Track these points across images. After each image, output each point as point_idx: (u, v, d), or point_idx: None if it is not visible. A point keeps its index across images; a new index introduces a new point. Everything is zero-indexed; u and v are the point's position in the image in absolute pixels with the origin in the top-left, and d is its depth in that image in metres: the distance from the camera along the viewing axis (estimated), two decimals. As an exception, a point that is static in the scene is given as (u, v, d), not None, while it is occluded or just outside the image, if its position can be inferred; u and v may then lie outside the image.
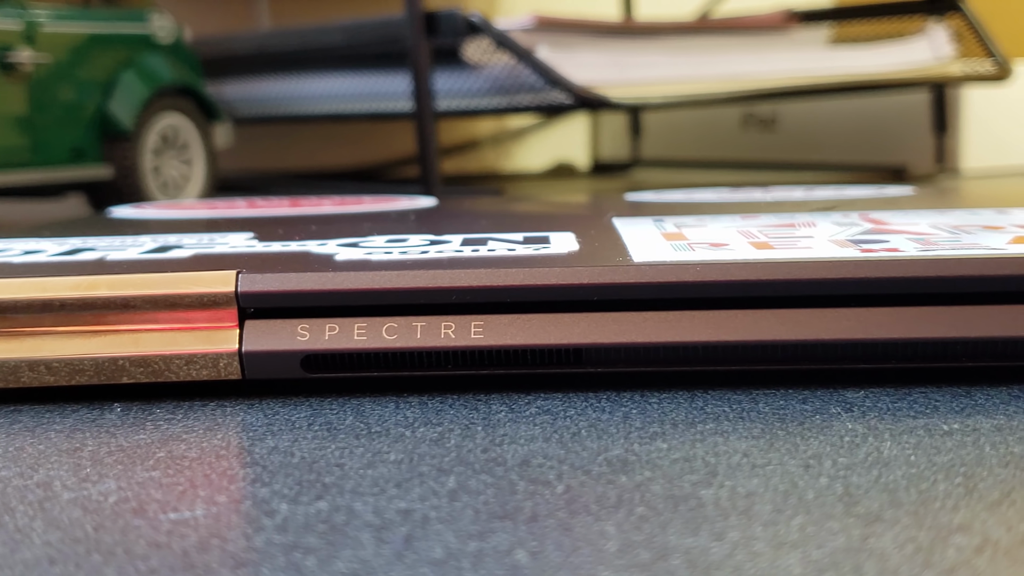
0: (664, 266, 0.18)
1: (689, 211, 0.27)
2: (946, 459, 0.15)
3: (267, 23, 0.72)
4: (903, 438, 0.16)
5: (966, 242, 0.20)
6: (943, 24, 0.60)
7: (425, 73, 0.49)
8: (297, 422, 0.17)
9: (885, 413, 0.17)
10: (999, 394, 0.18)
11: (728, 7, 0.69)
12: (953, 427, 0.16)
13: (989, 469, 0.14)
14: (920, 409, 0.17)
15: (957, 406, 0.17)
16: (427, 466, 0.15)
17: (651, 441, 0.16)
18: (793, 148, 0.68)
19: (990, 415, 0.17)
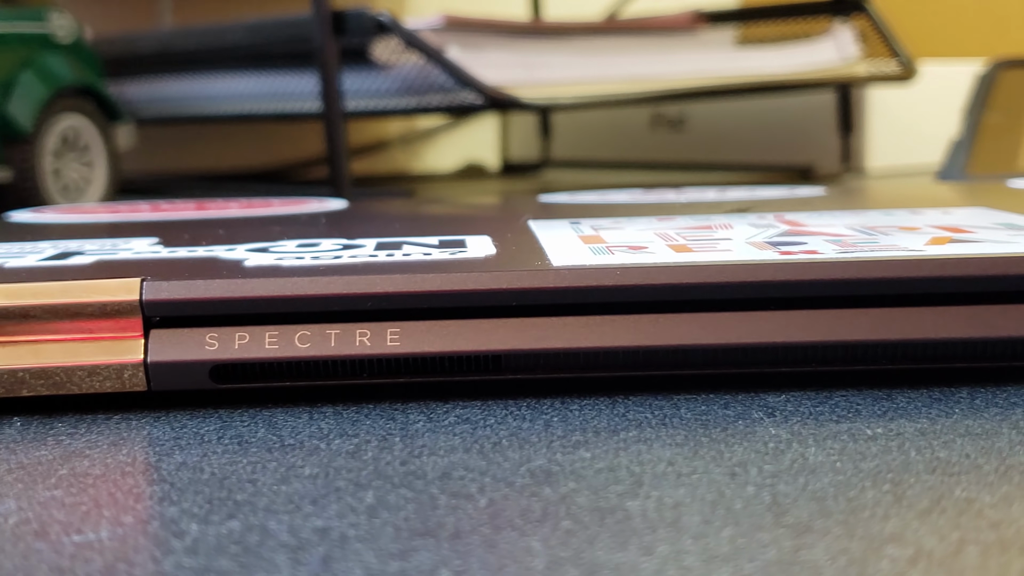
0: (584, 270, 0.18)
1: (604, 213, 0.26)
2: (872, 465, 0.15)
3: (170, 22, 0.70)
4: (827, 444, 0.16)
5: (884, 244, 0.20)
6: (848, 25, 0.61)
7: (333, 73, 0.48)
8: (206, 436, 0.17)
9: (807, 418, 0.17)
10: (919, 396, 0.18)
11: (636, 8, 0.69)
12: (877, 431, 0.16)
13: (916, 475, 0.14)
14: (842, 413, 0.17)
15: (879, 409, 0.17)
16: (344, 480, 0.15)
17: (574, 450, 0.16)
18: (701, 148, 0.68)
19: (912, 418, 0.17)
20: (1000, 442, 0.15)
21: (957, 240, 0.20)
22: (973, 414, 0.17)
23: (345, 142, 0.49)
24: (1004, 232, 0.21)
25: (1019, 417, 0.17)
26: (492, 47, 0.53)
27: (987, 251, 0.19)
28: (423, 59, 0.48)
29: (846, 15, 0.61)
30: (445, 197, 0.51)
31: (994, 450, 0.15)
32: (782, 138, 0.65)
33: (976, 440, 0.16)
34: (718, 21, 0.63)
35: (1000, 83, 0.55)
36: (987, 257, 0.18)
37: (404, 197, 0.50)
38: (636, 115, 0.71)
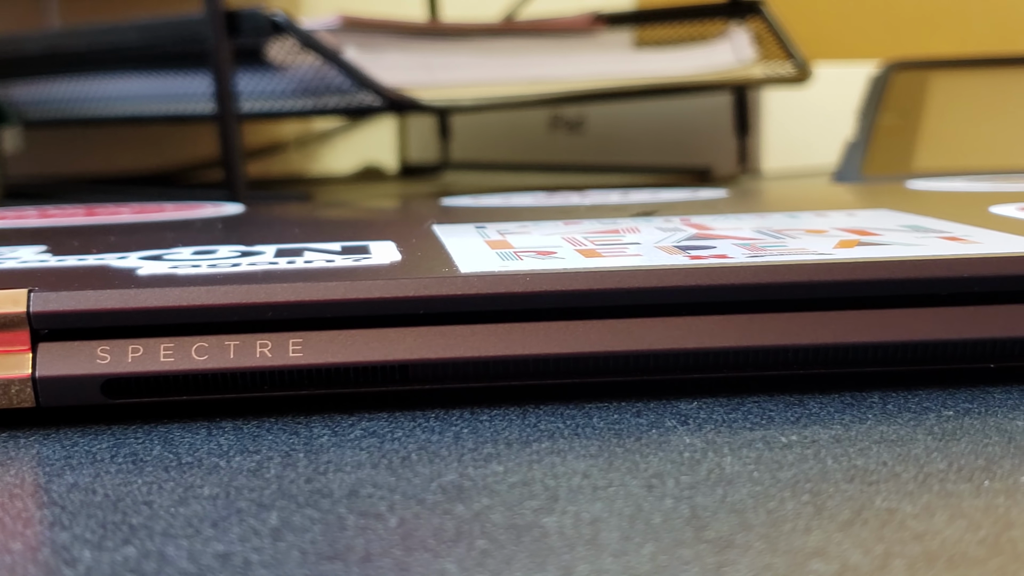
0: (493, 277, 0.17)
1: (509, 217, 0.26)
2: (790, 475, 0.14)
3: (57, 22, 0.69)
4: (743, 452, 0.15)
5: (793, 247, 0.19)
6: (744, 27, 0.61)
7: (227, 74, 0.47)
8: (99, 454, 0.16)
9: (721, 425, 0.17)
10: (832, 402, 0.18)
11: (534, 9, 0.68)
12: (792, 439, 0.16)
13: (835, 485, 0.14)
14: (756, 420, 0.17)
15: (792, 416, 0.17)
16: (246, 501, 0.14)
17: (486, 464, 0.15)
18: (600, 150, 0.68)
19: (826, 425, 0.16)
20: (916, 449, 0.15)
21: (865, 243, 0.20)
22: (887, 419, 0.17)
23: (240, 144, 0.48)
24: (911, 235, 0.21)
25: (933, 422, 0.16)
26: (390, 48, 0.52)
27: (896, 254, 0.18)
28: (319, 60, 0.48)
29: (742, 17, 0.61)
30: (345, 200, 0.50)
31: (911, 457, 0.15)
32: (680, 140, 0.66)
33: (892, 447, 0.15)
34: (616, 23, 0.63)
35: (893, 84, 0.55)
36: (897, 260, 0.18)
37: (302, 201, 0.49)
38: (535, 117, 0.70)
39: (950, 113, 0.53)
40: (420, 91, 0.49)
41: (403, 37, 0.53)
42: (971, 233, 0.21)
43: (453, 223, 0.25)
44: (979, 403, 0.17)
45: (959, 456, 0.15)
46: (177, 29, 0.50)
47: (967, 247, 0.19)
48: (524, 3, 0.70)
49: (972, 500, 0.13)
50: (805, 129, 0.66)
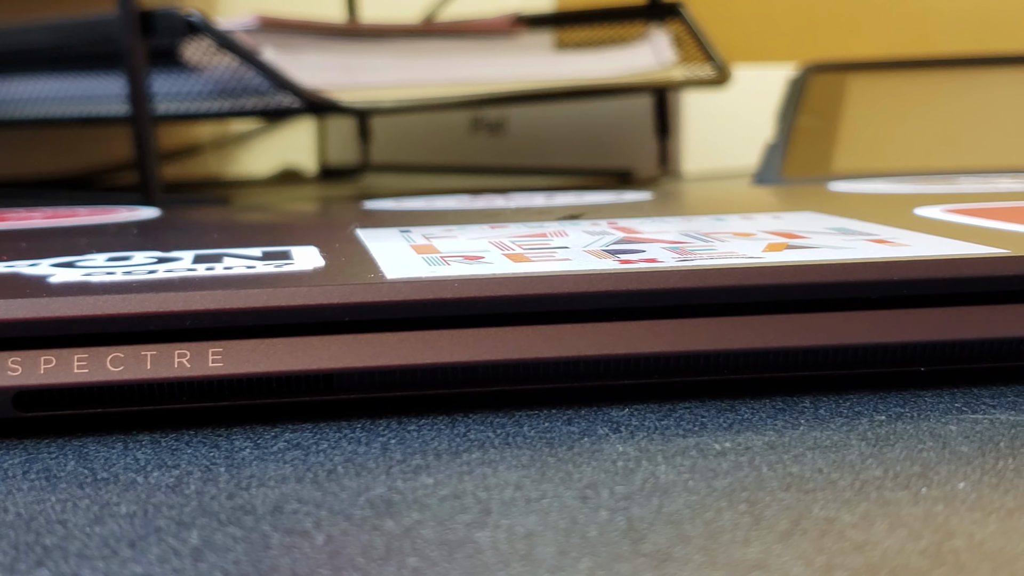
0: (420, 283, 0.17)
1: (434, 220, 0.26)
2: (725, 483, 0.14)
3: (-36, 20, 0.67)
4: (677, 460, 0.15)
5: (722, 251, 0.19)
6: (664, 29, 0.61)
7: (141, 75, 0.46)
8: (10, 470, 0.15)
9: (654, 432, 0.16)
10: (763, 407, 0.17)
11: (453, 11, 0.68)
12: (725, 446, 0.16)
13: (771, 493, 0.14)
14: (688, 427, 0.17)
15: (724, 422, 0.17)
16: (165, 519, 0.13)
17: (415, 476, 0.15)
18: (522, 152, 0.68)
19: (759, 431, 0.16)
20: (851, 455, 0.15)
21: (794, 246, 0.20)
22: (819, 425, 0.17)
23: (155, 147, 0.47)
24: (838, 237, 0.21)
25: (865, 427, 0.16)
26: (309, 49, 0.51)
27: (826, 257, 0.18)
28: (236, 61, 0.47)
29: (661, 20, 0.61)
30: (264, 203, 0.50)
31: (846, 464, 0.15)
32: (601, 142, 0.66)
33: (826, 453, 0.15)
34: (536, 25, 0.63)
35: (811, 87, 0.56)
36: (828, 264, 0.18)
37: (220, 204, 0.49)
38: (456, 119, 0.70)
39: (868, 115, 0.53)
40: (339, 92, 0.49)
41: (322, 38, 0.53)
42: (898, 236, 0.20)
43: (376, 227, 0.24)
44: (911, 407, 0.17)
45: (894, 462, 0.15)
46: (90, 29, 0.49)
47: (896, 250, 0.19)
48: (444, 4, 0.69)
49: (911, 508, 0.13)
50: (725, 131, 0.66)
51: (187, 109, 0.49)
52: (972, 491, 0.13)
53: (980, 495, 0.13)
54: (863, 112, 0.53)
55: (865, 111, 0.53)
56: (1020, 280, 0.18)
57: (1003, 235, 0.21)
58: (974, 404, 0.17)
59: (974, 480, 0.14)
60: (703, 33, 0.60)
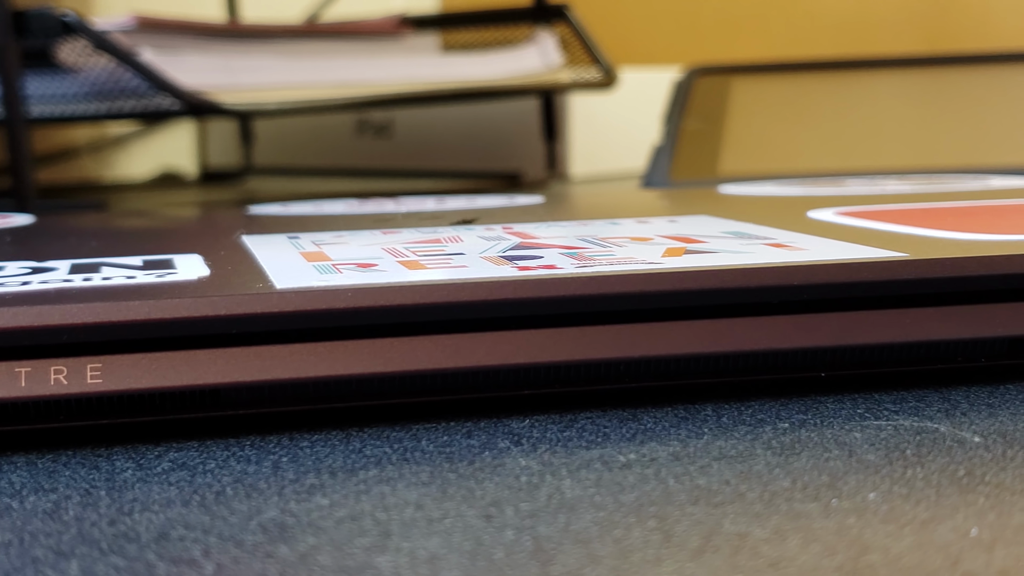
0: (311, 292, 0.16)
1: (323, 226, 0.25)
2: (632, 498, 0.14)
3: None
4: (581, 474, 0.15)
5: (621, 256, 0.19)
6: (551, 32, 0.61)
7: (15, 76, 0.44)
8: None
9: (556, 445, 0.16)
10: (666, 416, 0.17)
11: (337, 11, 0.67)
12: (630, 457, 0.15)
13: (680, 508, 0.13)
14: (591, 438, 0.16)
15: (627, 432, 0.16)
16: (42, 548, 0.12)
17: (309, 497, 0.14)
18: (409, 155, 0.67)
19: (663, 441, 0.16)
20: (757, 465, 0.15)
21: (692, 251, 0.19)
22: (723, 434, 0.16)
23: (29, 150, 0.45)
24: (735, 241, 0.20)
25: (770, 435, 0.16)
26: (188, 49, 0.50)
27: (726, 262, 0.18)
28: (113, 62, 0.45)
29: (548, 22, 0.61)
30: (144, 209, 0.48)
31: (753, 474, 0.14)
32: (488, 144, 0.65)
33: (732, 464, 0.15)
34: (422, 26, 0.63)
35: (697, 89, 0.56)
36: (730, 269, 0.17)
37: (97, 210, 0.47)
38: (341, 121, 0.69)
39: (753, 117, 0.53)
40: (221, 94, 0.47)
41: (202, 38, 0.51)
42: (795, 240, 0.20)
43: (263, 233, 0.23)
44: (813, 414, 0.17)
45: (802, 472, 0.14)
46: (-42, 28, 0.47)
47: (795, 254, 0.19)
48: (327, 5, 0.68)
49: (822, 521, 0.13)
50: (612, 134, 0.66)
51: (62, 111, 0.48)
52: (883, 502, 0.13)
53: (892, 506, 0.13)
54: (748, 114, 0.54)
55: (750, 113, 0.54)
56: (919, 284, 0.18)
57: (897, 238, 0.21)
58: (876, 410, 0.17)
59: (884, 490, 0.14)
60: (589, 36, 0.60)
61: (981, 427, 0.16)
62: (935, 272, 0.18)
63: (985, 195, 0.29)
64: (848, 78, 0.54)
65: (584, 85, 0.60)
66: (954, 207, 0.26)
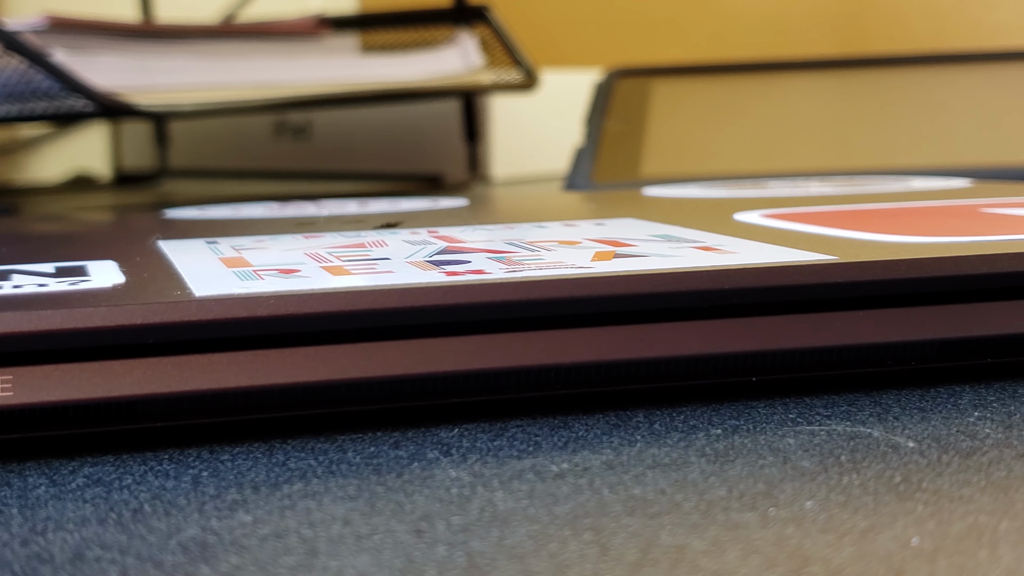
0: (232, 300, 0.16)
1: (242, 230, 0.24)
2: (567, 509, 0.13)
3: None
4: (513, 485, 0.14)
5: (550, 260, 0.18)
6: (471, 33, 0.60)
7: (-81, 76, 0.43)
8: None
9: (487, 455, 0.15)
10: (597, 423, 0.17)
11: (254, 11, 0.66)
12: (563, 467, 0.15)
13: (616, 519, 0.13)
14: (522, 447, 0.16)
15: (559, 441, 0.16)
16: (-52, 574, 0.12)
17: (231, 513, 0.13)
18: (328, 157, 0.66)
19: (596, 449, 0.16)
20: (692, 473, 0.14)
21: (622, 255, 0.19)
22: (656, 441, 0.16)
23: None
24: (664, 245, 0.20)
25: (703, 442, 0.16)
26: (102, 50, 0.49)
27: (656, 266, 0.18)
28: (25, 63, 0.44)
29: (468, 23, 0.61)
30: (56, 213, 0.47)
31: (688, 483, 0.14)
32: (409, 146, 0.65)
33: (667, 472, 0.15)
34: (341, 27, 0.62)
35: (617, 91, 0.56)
36: (661, 273, 0.17)
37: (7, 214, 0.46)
38: (259, 122, 0.68)
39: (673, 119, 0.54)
40: (135, 95, 0.46)
41: (116, 38, 0.50)
42: (724, 243, 0.20)
43: (181, 238, 0.23)
44: (745, 419, 0.17)
45: (737, 480, 0.14)
46: None
47: (725, 257, 0.18)
48: (244, 5, 0.67)
49: (761, 531, 0.12)
50: (533, 136, 0.66)
51: (-30, 112, 0.46)
52: (821, 511, 0.13)
53: (830, 515, 0.13)
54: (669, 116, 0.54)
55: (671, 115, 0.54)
56: (849, 287, 0.18)
57: (825, 240, 0.21)
58: (808, 415, 0.17)
59: (821, 498, 0.13)
60: (510, 37, 0.60)
61: (914, 431, 0.16)
62: (865, 275, 0.18)
63: (908, 197, 0.29)
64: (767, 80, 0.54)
65: (505, 87, 0.59)
66: (878, 209, 0.26)
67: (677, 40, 0.84)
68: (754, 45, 0.82)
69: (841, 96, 0.53)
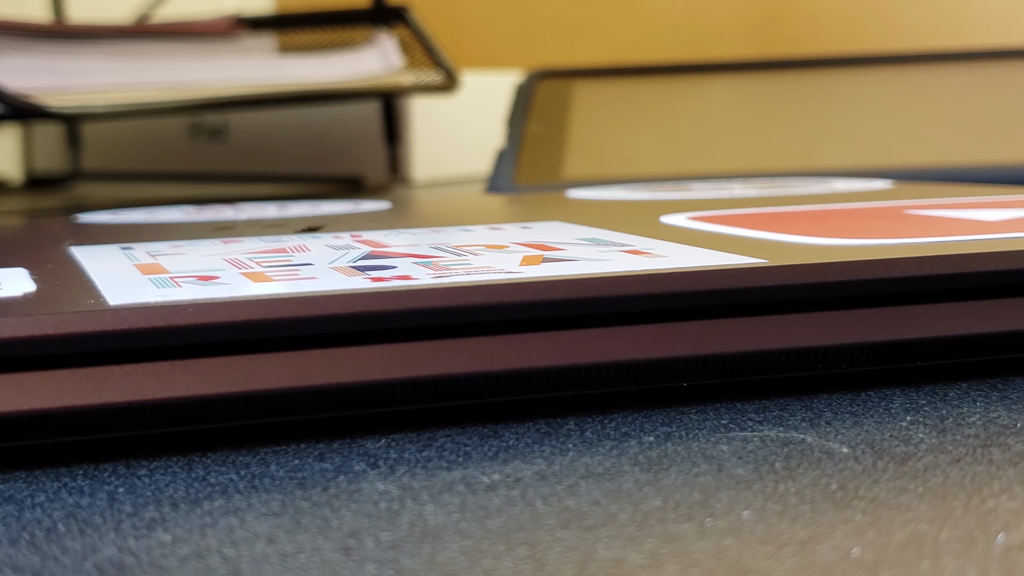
0: (148, 309, 0.15)
1: (158, 235, 0.24)
2: (499, 523, 0.13)
3: None
4: (444, 498, 0.14)
5: (478, 265, 0.18)
6: (391, 34, 0.60)
7: None
8: None
9: (415, 466, 0.15)
10: (528, 431, 0.16)
11: (169, 11, 0.65)
12: (494, 478, 0.14)
13: (551, 533, 0.12)
14: (452, 458, 0.15)
15: (489, 450, 0.16)
16: None
17: (150, 532, 0.13)
18: (245, 159, 0.65)
19: (527, 459, 0.15)
20: (626, 483, 0.14)
21: (550, 259, 0.19)
22: (588, 449, 0.16)
23: None
24: (593, 249, 0.20)
25: (636, 450, 0.15)
26: (11, 50, 0.48)
27: (586, 270, 0.17)
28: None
29: (387, 24, 0.60)
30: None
31: (623, 493, 0.14)
32: (328, 148, 0.64)
33: (601, 482, 0.14)
34: (258, 27, 0.61)
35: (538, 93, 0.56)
36: (593, 278, 0.17)
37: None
38: (174, 124, 0.67)
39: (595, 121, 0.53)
40: (46, 96, 0.45)
41: (26, 39, 0.49)
42: (653, 246, 0.20)
43: (94, 244, 0.22)
44: (677, 426, 0.17)
45: (672, 490, 0.14)
46: None
47: (656, 261, 0.18)
48: (158, 5, 0.66)
49: (699, 543, 0.12)
50: (454, 137, 0.65)
51: None
52: (759, 520, 0.13)
53: (768, 525, 0.12)
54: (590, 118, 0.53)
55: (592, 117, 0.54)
56: (781, 291, 0.17)
57: (753, 243, 0.21)
58: (740, 421, 0.17)
59: (758, 508, 0.13)
60: (430, 38, 0.59)
61: (847, 437, 0.16)
62: (797, 279, 0.17)
63: (831, 199, 0.29)
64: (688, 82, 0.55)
65: (425, 88, 0.59)
66: (804, 211, 0.26)
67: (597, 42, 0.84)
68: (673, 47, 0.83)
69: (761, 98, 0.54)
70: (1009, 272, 0.18)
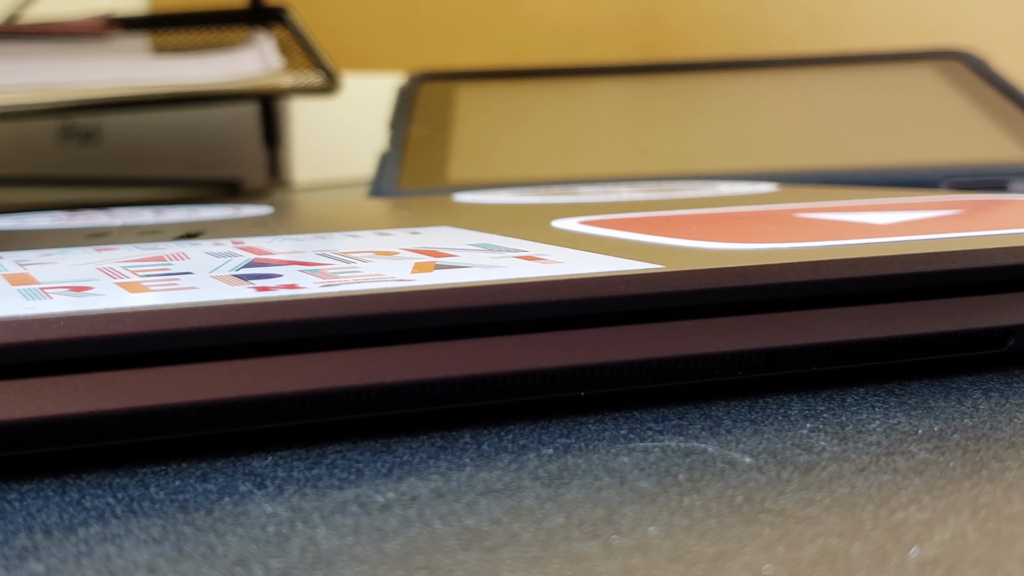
0: (16, 322, 0.14)
1: (26, 242, 0.22)
2: (396, 545, 0.12)
3: None
4: (337, 520, 0.13)
5: (368, 273, 0.17)
6: (269, 35, 0.59)
7: None
8: None
9: (305, 485, 0.14)
10: (422, 446, 0.16)
11: (39, 11, 0.63)
12: (389, 497, 0.14)
13: (451, 555, 0.12)
14: (343, 475, 0.15)
15: (382, 467, 0.15)
16: None
17: (21, 563, 0.12)
18: (119, 162, 0.64)
19: (423, 476, 0.15)
20: (527, 499, 0.14)
21: (443, 266, 0.18)
22: (486, 464, 0.15)
23: None
24: (485, 255, 0.19)
25: (535, 463, 0.15)
26: None
27: (480, 277, 0.17)
28: None
29: (265, 25, 0.59)
30: None
31: (524, 510, 0.13)
32: (205, 151, 0.62)
33: (501, 499, 0.14)
34: (131, 27, 0.59)
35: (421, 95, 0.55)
36: (488, 285, 0.16)
37: None
38: (43, 127, 0.65)
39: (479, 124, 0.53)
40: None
41: None
42: (547, 252, 0.19)
43: (-43, 252, 0.21)
44: (576, 437, 0.16)
45: (575, 506, 0.13)
46: None
47: (552, 267, 0.18)
48: (28, 4, 0.64)
49: (607, 563, 0.12)
50: (335, 140, 0.64)
51: None
52: (666, 537, 0.12)
53: (675, 542, 0.12)
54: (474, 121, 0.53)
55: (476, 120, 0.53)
56: (679, 297, 0.17)
57: (647, 248, 0.20)
58: (640, 430, 0.16)
59: (664, 523, 0.13)
60: (310, 39, 0.58)
61: (749, 446, 0.15)
62: (695, 284, 0.17)
63: (719, 202, 0.29)
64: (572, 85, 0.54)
65: (305, 90, 0.58)
66: (694, 215, 0.26)
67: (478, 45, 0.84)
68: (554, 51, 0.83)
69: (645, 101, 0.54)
70: (904, 276, 0.18)
